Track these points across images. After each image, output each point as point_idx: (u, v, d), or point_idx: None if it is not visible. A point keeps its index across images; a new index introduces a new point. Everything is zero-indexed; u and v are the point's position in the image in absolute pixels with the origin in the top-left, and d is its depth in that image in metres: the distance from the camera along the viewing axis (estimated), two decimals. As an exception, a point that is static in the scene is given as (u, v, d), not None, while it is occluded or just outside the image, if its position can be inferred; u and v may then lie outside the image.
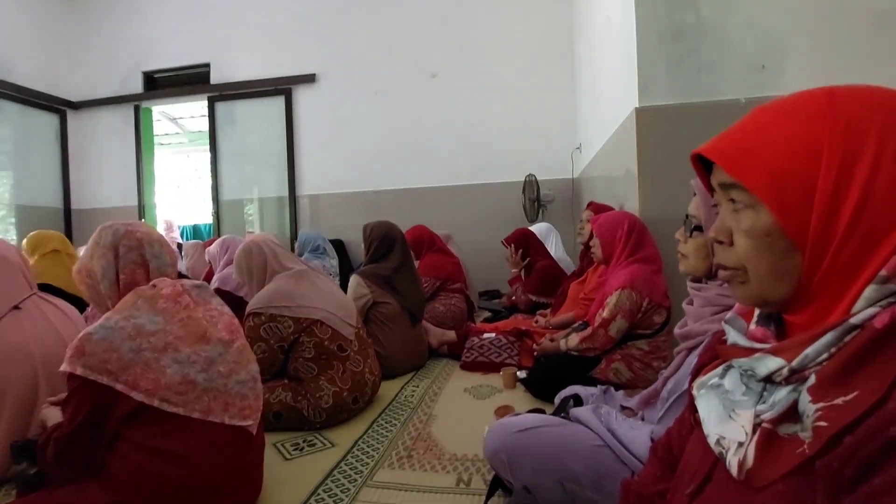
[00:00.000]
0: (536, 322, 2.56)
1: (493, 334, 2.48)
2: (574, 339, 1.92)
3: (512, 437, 1.16)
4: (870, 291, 0.44)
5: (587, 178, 3.73)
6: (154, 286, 1.18)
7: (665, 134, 1.99)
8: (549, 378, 1.89)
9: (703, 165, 0.59)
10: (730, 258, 0.55)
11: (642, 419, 1.22)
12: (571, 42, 4.38)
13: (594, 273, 2.30)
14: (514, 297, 3.25)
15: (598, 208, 2.41)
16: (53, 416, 1.16)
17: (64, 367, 1.00)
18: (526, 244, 3.24)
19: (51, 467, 1.06)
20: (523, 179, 4.17)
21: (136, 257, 1.21)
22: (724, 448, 0.51)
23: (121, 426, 1.04)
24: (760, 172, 0.49)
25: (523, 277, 3.23)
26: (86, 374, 0.99)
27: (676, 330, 1.13)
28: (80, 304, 2.06)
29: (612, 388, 1.44)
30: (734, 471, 0.49)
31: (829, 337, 0.44)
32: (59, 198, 5.38)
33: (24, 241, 2.70)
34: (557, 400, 1.46)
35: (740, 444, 0.49)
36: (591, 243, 2.06)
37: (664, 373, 1.16)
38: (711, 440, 0.54)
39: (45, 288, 2.09)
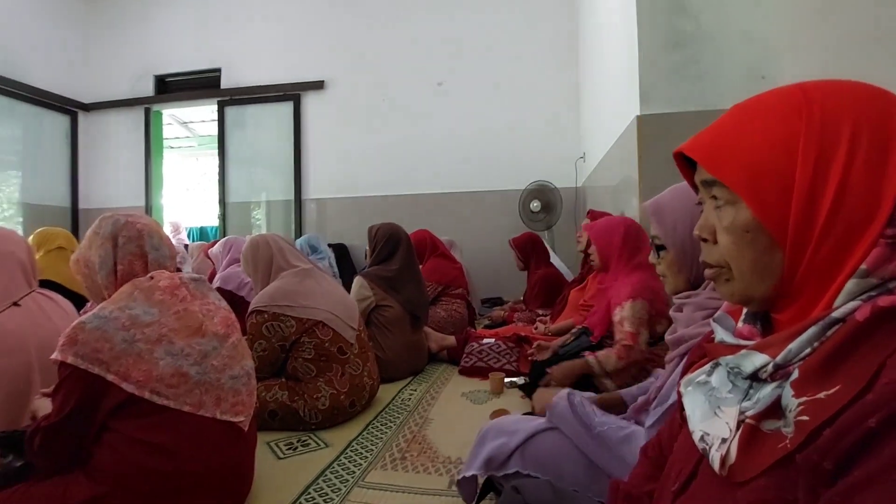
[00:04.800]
0: (536, 328, 2.54)
1: (493, 340, 2.47)
2: (612, 361, 1.77)
3: (506, 443, 1.15)
4: (851, 285, 0.44)
5: (591, 187, 3.73)
6: (152, 278, 1.18)
7: (665, 142, 1.97)
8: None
9: (688, 164, 0.59)
10: (713, 255, 0.55)
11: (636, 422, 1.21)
12: (576, 51, 4.42)
13: (594, 280, 2.28)
14: (514, 313, 3.22)
15: (596, 216, 2.40)
16: (44, 406, 1.15)
17: (55, 356, 1.00)
18: (531, 249, 3.23)
19: (36, 458, 1.05)
20: (523, 188, 4.18)
21: (136, 248, 1.21)
22: (707, 444, 0.51)
23: (109, 417, 1.03)
24: (738, 168, 0.50)
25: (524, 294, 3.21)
26: (77, 363, 0.99)
27: (668, 336, 1.12)
28: (83, 302, 2.07)
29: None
30: (716, 466, 0.48)
31: (811, 331, 0.44)
32: (67, 197, 5.44)
33: (30, 237, 2.73)
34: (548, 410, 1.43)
35: (723, 441, 0.49)
36: (588, 251, 2.05)
37: (656, 381, 1.15)
38: (696, 437, 0.54)
39: (49, 284, 2.11)
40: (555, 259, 3.63)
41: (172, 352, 1.09)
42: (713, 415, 0.52)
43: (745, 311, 0.59)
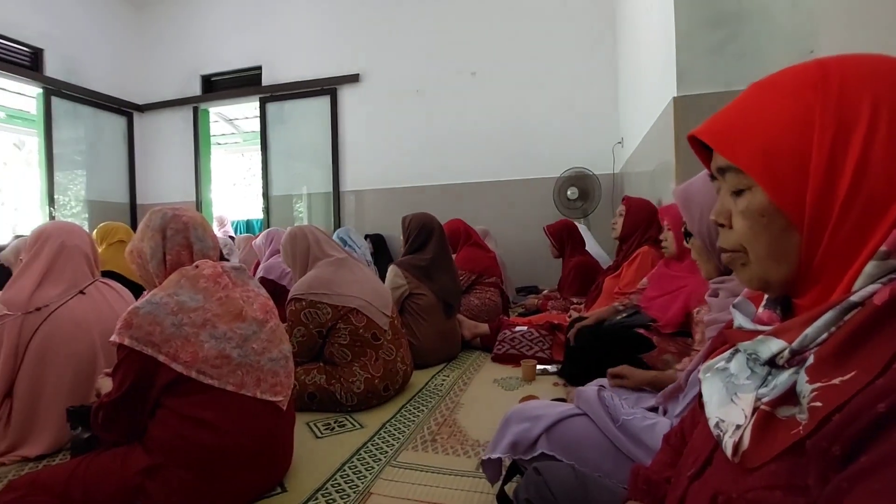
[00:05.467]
0: (570, 316, 2.53)
1: (526, 327, 2.48)
2: None
3: (530, 429, 1.16)
4: (870, 268, 0.42)
5: (628, 173, 3.64)
6: (197, 267, 1.27)
7: (704, 124, 1.91)
8: (591, 357, 1.83)
9: (704, 148, 0.58)
10: (729, 240, 0.54)
11: (664, 413, 1.20)
12: (614, 33, 4.28)
13: (629, 267, 2.24)
14: (547, 301, 3.20)
15: (632, 202, 2.35)
16: (107, 385, 1.27)
17: (113, 338, 1.10)
18: (566, 237, 3.20)
19: (100, 431, 1.17)
20: (559, 175, 4.11)
21: (182, 240, 1.30)
22: (721, 431, 0.51)
23: (162, 395, 1.13)
24: (751, 151, 0.48)
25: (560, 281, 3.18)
26: (132, 344, 1.09)
27: (705, 317, 1.11)
28: (141, 291, 2.23)
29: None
30: (729, 452, 0.49)
31: (828, 316, 0.43)
32: (126, 193, 5.82)
33: (94, 231, 2.96)
34: (576, 396, 1.43)
35: (738, 427, 0.48)
36: (661, 237, 1.99)
37: (688, 367, 1.14)
38: (711, 423, 0.54)
39: (111, 275, 2.29)
40: (593, 246, 3.57)
41: (216, 335, 1.17)
42: (729, 401, 0.51)
43: (766, 296, 0.58)
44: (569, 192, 4.09)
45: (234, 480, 1.17)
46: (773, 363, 0.48)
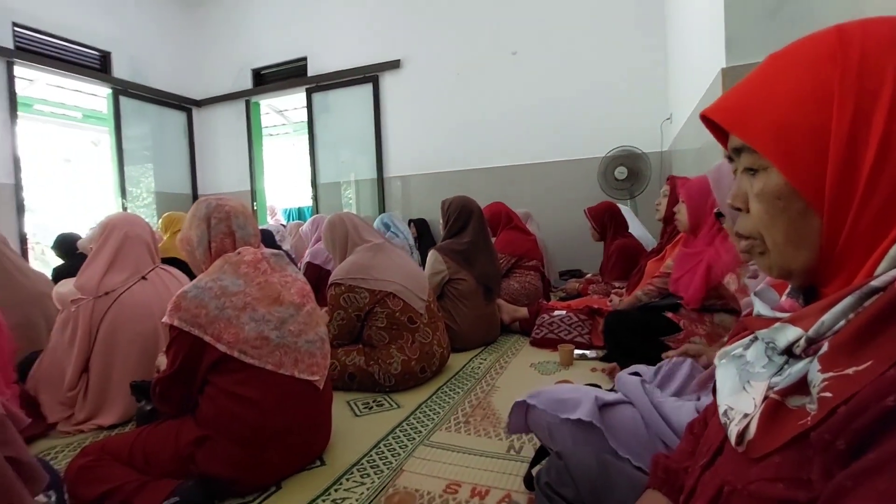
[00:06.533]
0: (611, 301, 2.47)
1: (564, 312, 2.45)
2: None
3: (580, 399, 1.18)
4: (895, 251, 0.39)
5: (677, 151, 3.46)
6: (239, 253, 1.35)
7: (756, 96, 1.78)
8: (622, 341, 1.85)
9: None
10: (746, 225, 0.51)
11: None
12: (661, 4, 4.03)
13: (673, 250, 2.15)
14: (589, 285, 3.14)
15: (678, 182, 2.23)
16: (164, 362, 1.39)
17: (165, 319, 1.20)
18: (608, 219, 3.11)
19: (157, 404, 1.29)
20: (603, 155, 3.97)
21: (225, 228, 1.38)
22: (729, 419, 0.50)
23: (209, 372, 1.22)
24: (765, 129, 0.45)
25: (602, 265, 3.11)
26: (181, 325, 1.18)
27: (743, 302, 1.07)
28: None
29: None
30: (733, 440, 0.48)
31: (846, 302, 0.40)
32: (189, 185, 6.20)
33: (160, 220, 3.20)
34: (616, 381, 1.43)
35: (745, 416, 0.47)
36: (675, 209, 1.92)
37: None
38: (721, 411, 0.52)
39: (173, 261, 2.46)
40: (638, 228, 3.45)
41: (256, 318, 1.25)
42: (741, 389, 0.50)
43: (790, 284, 0.55)
44: (616, 172, 3.94)
45: (275, 453, 1.26)
46: (790, 352, 0.46)
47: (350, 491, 1.24)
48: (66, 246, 3.17)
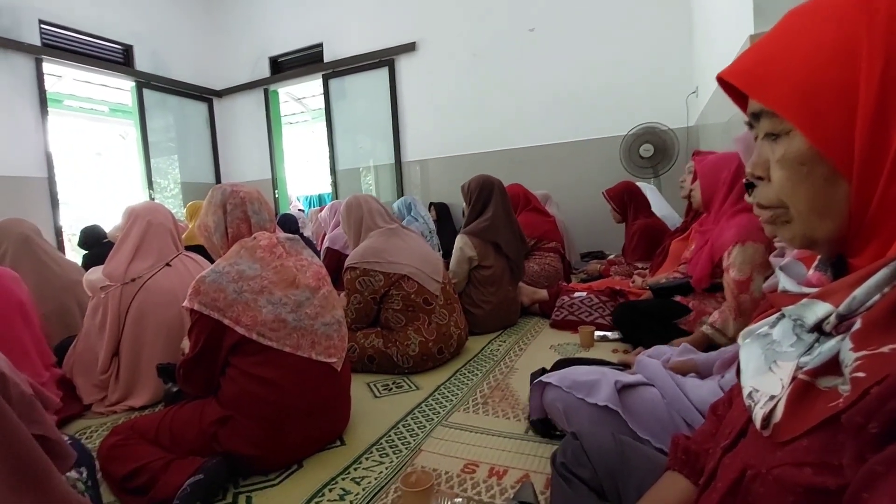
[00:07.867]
0: (633, 282, 2.42)
1: (585, 294, 2.41)
2: (730, 325, 1.57)
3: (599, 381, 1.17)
4: None
5: (703, 126, 3.33)
6: (255, 238, 1.37)
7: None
8: (632, 326, 1.86)
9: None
10: (767, 195, 0.48)
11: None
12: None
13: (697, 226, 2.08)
14: (610, 267, 3.08)
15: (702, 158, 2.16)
16: (188, 345, 1.43)
17: (185, 304, 1.23)
18: (628, 199, 3.04)
19: (182, 385, 1.32)
20: (626, 133, 3.85)
21: (241, 213, 1.40)
22: (753, 402, 0.47)
23: (229, 355, 1.25)
24: (786, 89, 0.42)
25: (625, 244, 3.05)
26: (201, 309, 1.21)
27: (764, 285, 1.02)
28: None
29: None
30: (758, 424, 0.45)
31: (880, 275, 0.37)
32: (212, 174, 6.32)
33: (185, 209, 3.28)
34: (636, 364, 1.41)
35: (771, 398, 0.45)
36: (691, 186, 1.88)
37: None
38: (745, 393, 0.50)
39: (197, 248, 2.52)
40: (663, 207, 3.35)
41: (272, 301, 1.27)
42: (767, 370, 0.47)
43: (818, 256, 0.52)
44: (642, 150, 3.82)
45: (295, 433, 1.28)
46: (820, 329, 0.43)
47: (369, 470, 1.26)
48: (91, 238, 3.33)
